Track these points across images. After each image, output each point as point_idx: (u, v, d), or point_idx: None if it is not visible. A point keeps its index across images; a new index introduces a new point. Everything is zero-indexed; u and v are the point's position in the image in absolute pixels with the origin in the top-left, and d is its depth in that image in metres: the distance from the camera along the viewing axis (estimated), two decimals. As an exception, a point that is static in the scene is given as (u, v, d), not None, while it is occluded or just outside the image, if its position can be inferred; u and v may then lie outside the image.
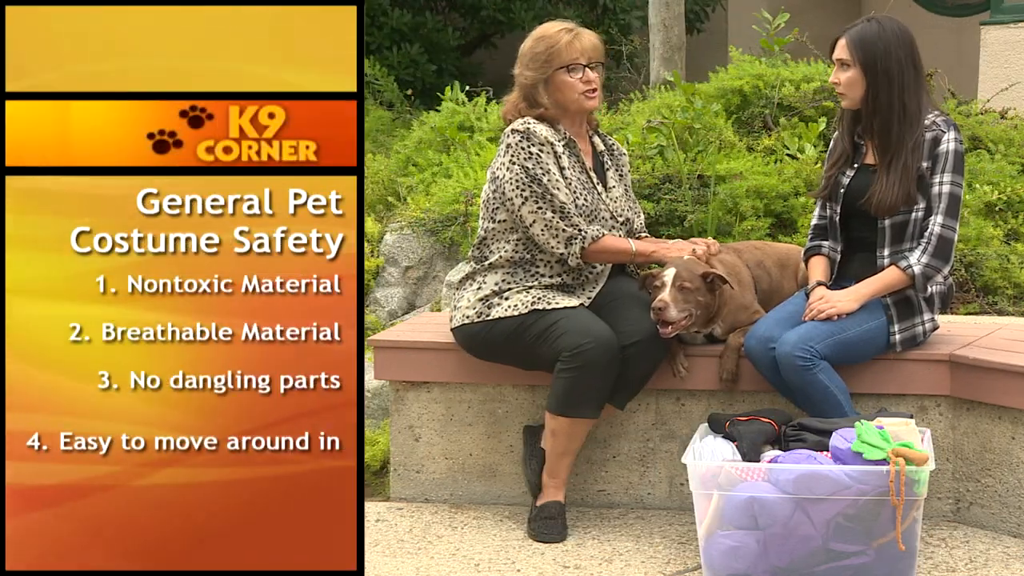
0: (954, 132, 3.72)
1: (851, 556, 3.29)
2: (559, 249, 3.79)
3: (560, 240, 3.78)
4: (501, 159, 3.84)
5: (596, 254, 3.81)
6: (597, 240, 3.78)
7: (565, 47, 3.82)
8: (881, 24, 3.72)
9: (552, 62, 3.82)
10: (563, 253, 3.79)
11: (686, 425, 3.98)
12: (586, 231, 3.77)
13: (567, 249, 3.78)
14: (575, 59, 3.82)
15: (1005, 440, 3.68)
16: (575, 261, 3.80)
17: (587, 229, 3.78)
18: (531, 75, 3.85)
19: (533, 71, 3.84)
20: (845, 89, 3.74)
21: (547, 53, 3.82)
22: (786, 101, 5.83)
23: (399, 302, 5.39)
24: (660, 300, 3.67)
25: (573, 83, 3.83)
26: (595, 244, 3.78)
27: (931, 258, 3.66)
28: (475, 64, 10.57)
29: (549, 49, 3.82)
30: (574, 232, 3.77)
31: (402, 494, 4.16)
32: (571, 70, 3.82)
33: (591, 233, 3.78)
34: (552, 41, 3.83)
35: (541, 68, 3.83)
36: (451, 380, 4.08)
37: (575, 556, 3.65)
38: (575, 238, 3.77)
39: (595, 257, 3.82)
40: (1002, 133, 5.83)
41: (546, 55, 3.82)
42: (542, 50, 3.83)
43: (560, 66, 3.82)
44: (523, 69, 3.87)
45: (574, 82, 3.83)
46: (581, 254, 3.79)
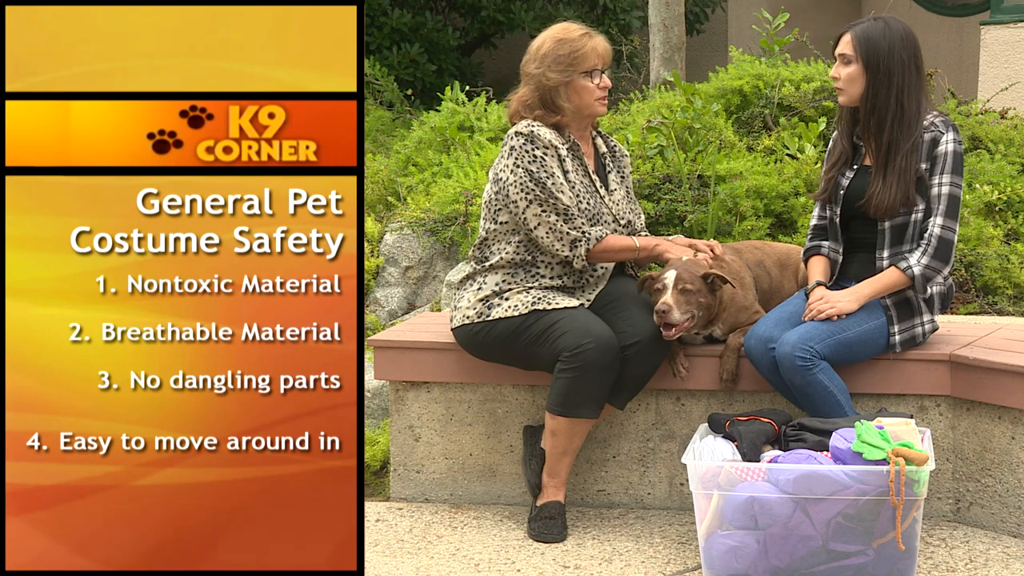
0: (953, 133, 3.72)
1: (851, 556, 3.29)
2: (564, 252, 3.79)
3: (565, 243, 3.78)
4: (504, 161, 3.84)
5: (601, 254, 3.82)
6: (601, 241, 3.79)
7: (589, 52, 3.83)
8: (887, 24, 3.72)
9: (576, 66, 3.82)
10: (568, 256, 3.79)
11: (686, 425, 3.98)
12: (590, 233, 3.78)
13: (572, 252, 3.78)
14: (596, 65, 3.84)
15: (1005, 440, 3.68)
16: (580, 264, 3.80)
17: (591, 231, 3.78)
18: (555, 77, 3.83)
19: (556, 73, 3.83)
20: (844, 84, 3.74)
21: (571, 57, 3.82)
22: (786, 101, 5.84)
23: (399, 302, 5.39)
24: (663, 303, 3.67)
25: (592, 88, 3.84)
26: (599, 245, 3.79)
27: (931, 259, 3.66)
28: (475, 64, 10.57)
29: (573, 53, 3.82)
30: (578, 235, 3.77)
31: (402, 494, 4.16)
32: (591, 76, 3.83)
33: (595, 235, 3.78)
34: (576, 45, 3.83)
35: (565, 71, 3.82)
36: (451, 380, 4.09)
37: (575, 556, 3.65)
38: (579, 241, 3.77)
39: (600, 258, 3.83)
40: (1002, 133, 5.83)
41: (570, 59, 3.82)
42: (566, 53, 3.83)
43: (583, 71, 3.82)
44: (544, 70, 3.84)
45: (592, 87, 3.84)
46: (586, 256, 3.79)
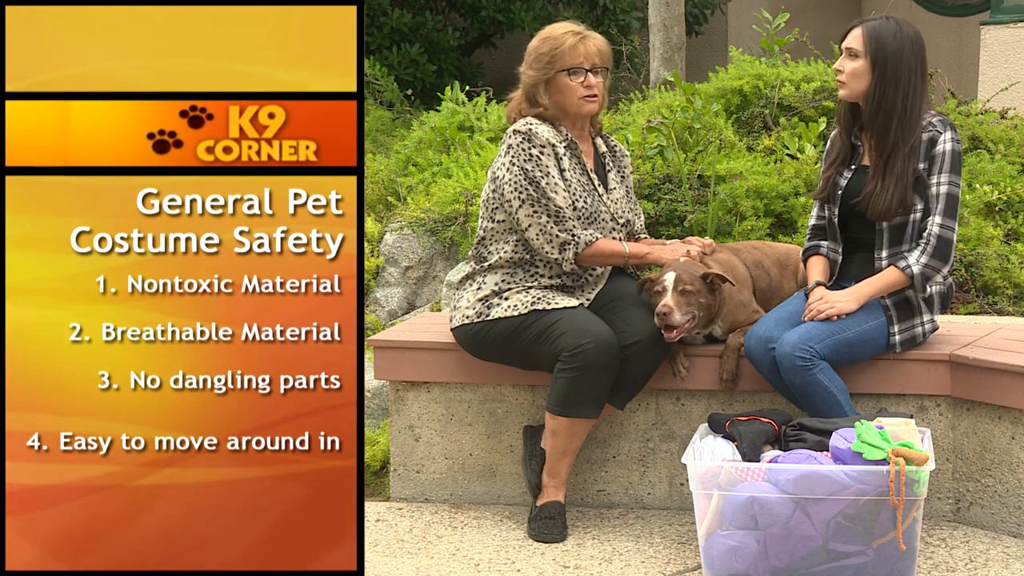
0: (951, 132, 3.71)
1: (851, 556, 3.29)
2: (553, 254, 3.79)
3: (554, 245, 3.78)
4: (502, 159, 3.85)
5: (590, 258, 3.82)
6: (590, 245, 3.79)
7: (569, 50, 3.82)
8: (899, 26, 3.70)
9: (554, 64, 3.83)
10: (557, 258, 3.80)
11: (686, 425, 3.98)
12: (580, 237, 3.78)
13: (561, 255, 3.79)
14: (578, 63, 3.82)
15: (1005, 440, 3.68)
16: (569, 266, 3.81)
17: (581, 234, 3.78)
18: (533, 74, 3.86)
19: (535, 71, 3.85)
20: (848, 79, 3.73)
21: (550, 55, 3.83)
22: (786, 101, 5.84)
23: (399, 302, 5.39)
24: (664, 305, 3.67)
25: (573, 87, 3.84)
26: (588, 249, 3.79)
27: (930, 258, 3.66)
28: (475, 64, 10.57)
29: (552, 51, 3.83)
30: (568, 238, 3.77)
31: (402, 494, 4.16)
32: (572, 73, 3.83)
33: (584, 238, 3.78)
34: (557, 43, 3.84)
35: (543, 69, 3.84)
36: (451, 380, 4.09)
37: (575, 556, 3.65)
38: (568, 244, 3.78)
39: (590, 261, 3.83)
40: (1002, 133, 5.82)
41: (549, 56, 3.83)
42: (546, 51, 3.84)
43: (562, 68, 3.82)
44: (526, 68, 3.89)
45: (574, 86, 3.83)
46: (575, 259, 3.80)
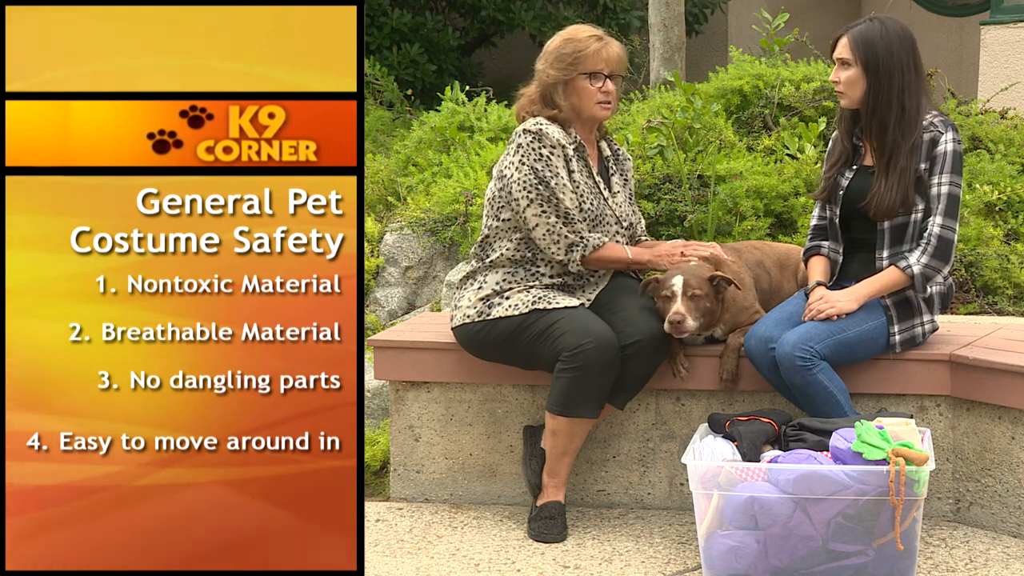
0: (952, 132, 3.72)
1: (851, 556, 3.29)
2: (559, 255, 3.80)
3: (562, 247, 3.79)
4: (510, 158, 3.85)
5: (595, 261, 3.83)
6: (598, 249, 3.80)
7: (592, 54, 3.83)
8: (884, 24, 3.71)
9: (576, 66, 3.84)
10: (563, 260, 3.80)
11: (686, 425, 3.98)
12: (588, 239, 3.78)
13: (567, 256, 3.79)
14: (599, 68, 3.84)
15: (1005, 440, 3.68)
16: (575, 268, 3.81)
17: (589, 237, 3.79)
18: (554, 74, 3.86)
19: (556, 71, 3.85)
20: (845, 88, 3.74)
21: (572, 56, 3.84)
22: (786, 101, 5.84)
23: (399, 302, 5.39)
24: (676, 312, 3.67)
25: (592, 91, 3.85)
26: (595, 253, 3.80)
27: (931, 259, 3.66)
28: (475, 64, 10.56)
29: (576, 53, 3.84)
30: (576, 239, 3.78)
31: (402, 494, 4.16)
32: (592, 78, 3.84)
33: (592, 241, 3.79)
34: (581, 46, 3.84)
35: (565, 70, 3.84)
36: (451, 380, 4.09)
37: (575, 556, 3.65)
38: (576, 245, 3.78)
39: (594, 264, 3.84)
40: (1002, 133, 5.83)
41: (572, 58, 3.84)
42: (568, 52, 3.85)
43: (583, 72, 3.83)
44: (546, 67, 3.88)
45: (593, 90, 3.84)
46: (581, 261, 3.80)
